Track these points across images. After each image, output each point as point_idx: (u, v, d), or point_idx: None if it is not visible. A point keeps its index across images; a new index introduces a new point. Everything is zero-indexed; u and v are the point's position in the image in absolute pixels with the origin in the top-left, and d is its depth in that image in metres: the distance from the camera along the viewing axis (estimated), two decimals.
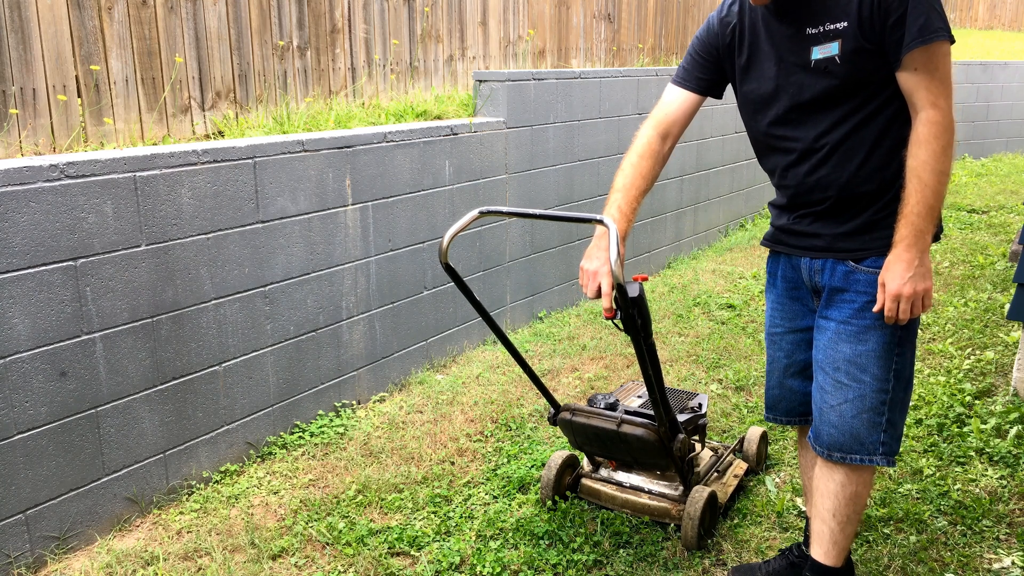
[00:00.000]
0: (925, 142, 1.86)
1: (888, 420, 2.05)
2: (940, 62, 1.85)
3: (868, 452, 2.06)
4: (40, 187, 2.51)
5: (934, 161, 1.85)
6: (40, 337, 2.56)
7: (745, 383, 3.88)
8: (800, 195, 2.10)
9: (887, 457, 2.07)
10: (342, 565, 2.61)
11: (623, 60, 6.79)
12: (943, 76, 1.86)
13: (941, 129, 1.86)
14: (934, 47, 1.84)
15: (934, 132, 1.86)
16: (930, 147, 1.86)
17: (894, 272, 1.91)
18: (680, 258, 6.20)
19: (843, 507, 2.12)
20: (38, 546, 2.63)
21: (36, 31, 3.12)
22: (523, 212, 2.30)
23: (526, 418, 3.59)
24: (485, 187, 4.30)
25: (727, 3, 2.15)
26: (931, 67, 1.85)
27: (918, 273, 1.90)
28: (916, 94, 1.88)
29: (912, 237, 1.89)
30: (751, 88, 2.12)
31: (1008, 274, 5.41)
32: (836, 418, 2.07)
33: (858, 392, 2.04)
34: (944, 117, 1.86)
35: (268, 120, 3.87)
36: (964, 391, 3.61)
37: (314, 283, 3.46)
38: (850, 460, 2.07)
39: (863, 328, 2.03)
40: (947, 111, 1.86)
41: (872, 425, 2.05)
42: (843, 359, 2.05)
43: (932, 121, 1.86)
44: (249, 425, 3.28)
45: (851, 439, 2.06)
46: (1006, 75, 9.85)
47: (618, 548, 2.65)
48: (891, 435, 2.07)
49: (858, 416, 2.05)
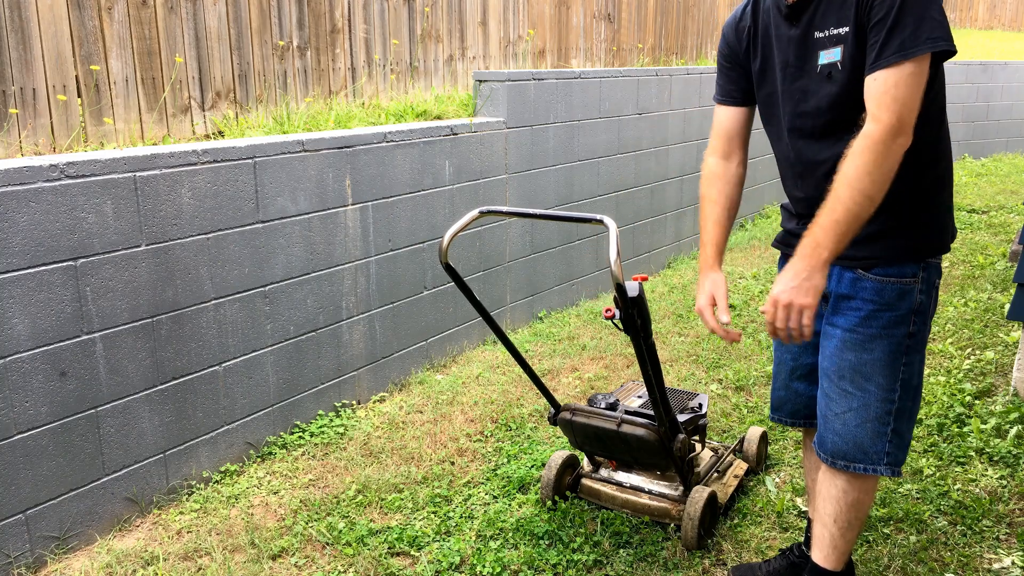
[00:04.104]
0: (853, 155, 1.76)
1: (894, 430, 2.01)
2: (903, 77, 1.73)
3: (872, 462, 2.03)
4: (40, 187, 2.51)
5: (855, 176, 1.75)
6: (40, 337, 2.56)
7: (745, 383, 3.88)
8: (812, 206, 2.04)
9: (892, 467, 2.03)
10: (342, 565, 2.61)
11: (623, 60, 6.79)
12: (899, 92, 1.73)
13: (872, 143, 1.74)
14: (906, 64, 1.73)
15: (864, 145, 1.75)
16: (855, 160, 1.75)
17: (781, 278, 1.84)
18: (680, 258, 6.20)
19: (844, 513, 2.10)
20: (38, 546, 2.63)
21: (36, 31, 3.12)
22: (523, 212, 2.30)
23: (526, 418, 3.59)
24: (485, 187, 4.30)
25: (741, 8, 2.13)
26: (891, 80, 1.74)
27: (802, 286, 1.80)
28: (868, 103, 1.78)
29: (809, 248, 1.80)
30: (764, 93, 2.10)
31: (1008, 274, 5.41)
32: (840, 426, 2.05)
33: (863, 401, 2.01)
34: (882, 133, 1.73)
35: (268, 120, 3.87)
36: (964, 391, 3.61)
37: (314, 283, 3.46)
38: (853, 469, 2.05)
39: (869, 337, 1.99)
40: (888, 127, 1.73)
41: (876, 435, 2.01)
42: (848, 367, 2.02)
43: (867, 135, 1.75)
44: (249, 425, 3.28)
45: (855, 448, 2.04)
46: (1006, 75, 9.86)
47: (618, 548, 2.65)
48: (896, 445, 2.03)
49: (862, 425, 2.02)
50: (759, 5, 2.07)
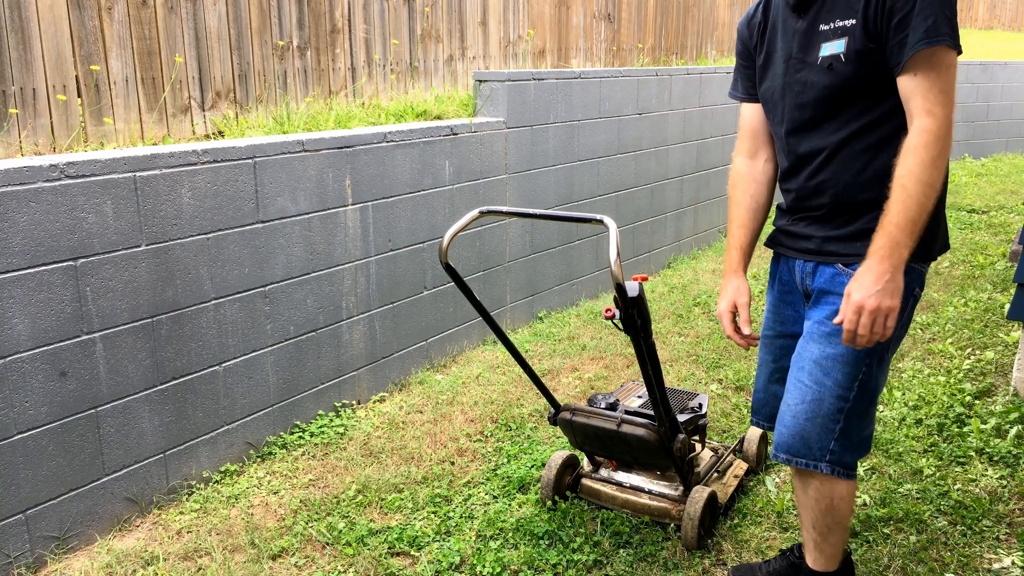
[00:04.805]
0: (914, 150, 1.77)
1: (843, 429, 1.98)
2: (942, 69, 1.76)
3: (814, 457, 2.00)
4: (40, 187, 2.51)
5: (921, 171, 1.75)
6: (40, 337, 2.56)
7: (745, 383, 3.88)
8: (801, 199, 2.07)
9: (833, 466, 1.99)
10: (342, 565, 2.61)
11: (623, 60, 6.79)
12: (944, 84, 1.76)
13: (933, 138, 1.76)
14: (939, 52, 1.75)
15: (924, 141, 1.76)
16: (919, 156, 1.76)
17: (861, 282, 1.80)
18: (680, 258, 6.20)
19: (821, 519, 2.08)
20: (38, 546, 2.63)
21: (36, 31, 3.12)
22: (523, 212, 2.30)
23: (526, 418, 3.59)
24: (485, 187, 4.30)
25: (754, 6, 2.14)
26: (932, 73, 1.76)
27: (887, 288, 1.78)
28: (913, 100, 1.79)
29: (887, 248, 1.78)
30: (765, 87, 2.11)
31: (1008, 274, 5.41)
32: (790, 419, 2.02)
33: (816, 395, 1.98)
34: (939, 127, 1.76)
35: (268, 120, 3.87)
36: (964, 391, 3.61)
37: (314, 283, 3.46)
38: (796, 463, 2.02)
39: (835, 331, 1.96)
40: (943, 121, 1.76)
41: (824, 430, 1.98)
42: (809, 359, 2.00)
43: (925, 129, 1.76)
44: (249, 425, 3.28)
45: (799, 441, 2.01)
46: (1006, 75, 9.85)
47: (618, 548, 2.65)
48: (842, 445, 1.99)
49: (812, 420, 1.99)
50: (771, 1, 2.09)
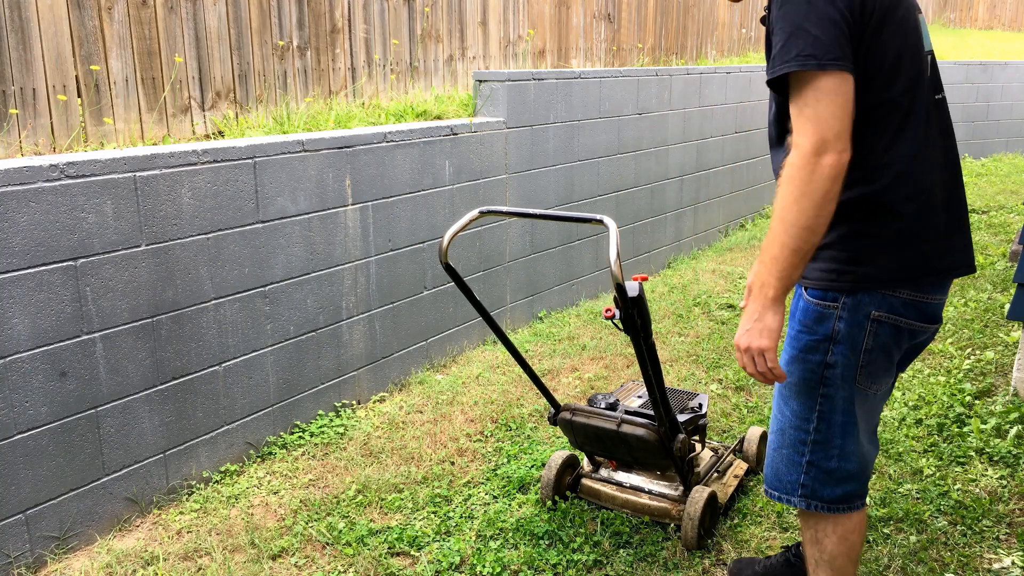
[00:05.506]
0: (781, 184, 1.62)
1: (809, 462, 1.87)
2: (807, 91, 1.56)
3: (786, 491, 1.92)
4: (40, 187, 2.51)
5: (781, 207, 1.60)
6: (40, 337, 2.56)
7: (745, 383, 3.88)
8: None
9: (807, 500, 1.89)
10: (342, 565, 2.61)
11: (623, 60, 6.79)
12: (811, 111, 1.56)
13: (795, 171, 1.57)
14: (799, 75, 1.57)
15: (788, 175, 1.59)
16: (781, 191, 1.61)
17: (741, 321, 1.71)
18: (680, 258, 6.20)
19: (807, 548, 2.00)
20: (38, 546, 2.63)
21: (36, 31, 3.12)
22: (523, 212, 2.30)
23: (526, 418, 3.59)
24: (485, 187, 4.30)
25: None
26: (798, 99, 1.58)
27: (755, 328, 1.68)
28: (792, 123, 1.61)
29: (756, 286, 1.67)
30: None
31: (1008, 274, 5.41)
32: (769, 449, 1.99)
33: (780, 425, 1.92)
34: (801, 158, 1.56)
35: (268, 120, 3.87)
36: (964, 391, 3.61)
37: (314, 283, 3.46)
38: (774, 497, 1.96)
39: (790, 358, 1.86)
40: (806, 152, 1.55)
41: (790, 463, 1.90)
42: (776, 387, 1.94)
43: (789, 162, 1.59)
44: (249, 425, 3.28)
45: (773, 474, 1.95)
46: (1006, 75, 9.85)
47: (618, 548, 2.65)
48: (814, 478, 1.88)
49: (779, 451, 1.93)
50: None
